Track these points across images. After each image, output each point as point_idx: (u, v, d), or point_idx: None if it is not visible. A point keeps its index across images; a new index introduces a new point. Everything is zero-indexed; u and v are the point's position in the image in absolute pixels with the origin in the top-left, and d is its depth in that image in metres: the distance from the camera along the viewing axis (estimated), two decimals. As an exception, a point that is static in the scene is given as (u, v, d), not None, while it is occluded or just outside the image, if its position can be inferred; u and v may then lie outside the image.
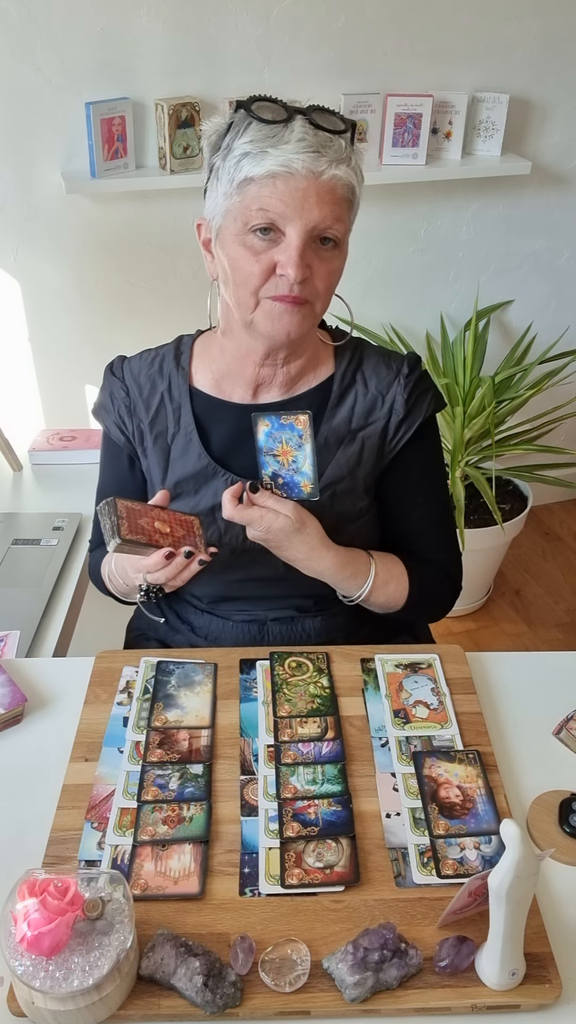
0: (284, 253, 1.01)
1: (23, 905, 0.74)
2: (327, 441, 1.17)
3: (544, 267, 2.60)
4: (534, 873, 0.73)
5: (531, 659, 1.21)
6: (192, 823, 0.93)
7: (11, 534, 1.54)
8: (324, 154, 0.98)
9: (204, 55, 2.02)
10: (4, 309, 2.15)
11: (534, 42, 2.24)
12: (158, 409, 1.20)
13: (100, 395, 1.25)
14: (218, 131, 1.04)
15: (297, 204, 0.98)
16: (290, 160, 0.97)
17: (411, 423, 1.18)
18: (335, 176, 0.99)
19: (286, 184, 0.98)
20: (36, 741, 1.05)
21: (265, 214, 0.99)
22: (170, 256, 2.22)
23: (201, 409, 1.20)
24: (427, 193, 2.35)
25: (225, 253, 1.06)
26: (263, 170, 0.98)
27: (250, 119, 1.00)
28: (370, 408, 1.18)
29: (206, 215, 1.08)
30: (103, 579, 1.28)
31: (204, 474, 1.19)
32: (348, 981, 0.77)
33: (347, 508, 1.19)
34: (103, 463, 1.30)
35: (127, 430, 1.22)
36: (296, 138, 0.98)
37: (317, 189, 0.98)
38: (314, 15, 2.04)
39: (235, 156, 1.00)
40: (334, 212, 1.01)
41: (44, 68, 1.91)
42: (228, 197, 1.02)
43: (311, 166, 0.97)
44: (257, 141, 0.98)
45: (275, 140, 0.98)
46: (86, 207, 2.09)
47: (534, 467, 2.50)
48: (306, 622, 1.25)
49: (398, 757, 1.02)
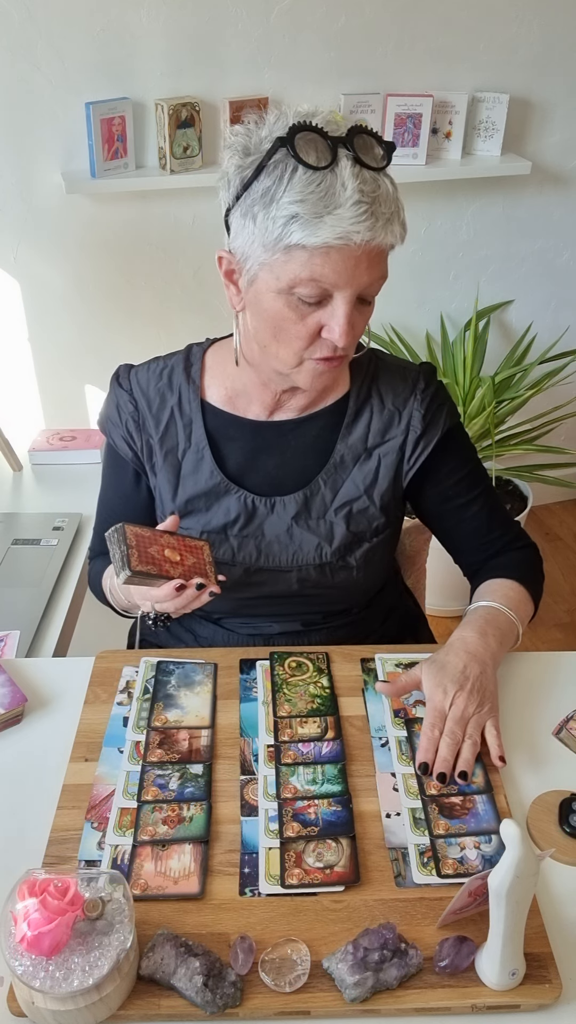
0: (332, 319, 0.97)
1: (23, 905, 0.74)
2: (343, 459, 1.16)
3: (544, 267, 2.60)
4: (534, 873, 0.73)
5: (531, 659, 1.21)
6: (192, 823, 0.93)
7: (11, 534, 1.54)
8: (378, 216, 0.92)
9: (204, 55, 2.01)
10: (4, 309, 2.15)
11: (534, 42, 2.24)
12: (168, 424, 1.17)
13: (106, 407, 1.22)
14: (252, 162, 0.95)
15: (350, 272, 0.94)
16: (348, 233, 0.91)
17: (429, 440, 1.16)
18: (390, 245, 0.96)
19: (340, 255, 0.93)
20: (36, 741, 1.05)
21: (317, 284, 0.95)
22: (170, 256, 2.22)
23: (214, 424, 1.17)
24: (427, 193, 2.35)
25: (261, 304, 1.00)
26: (319, 241, 0.91)
27: (293, 162, 0.92)
28: (387, 425, 1.16)
29: (234, 252, 1.01)
30: (104, 591, 1.26)
31: (216, 491, 1.16)
32: (348, 981, 0.77)
33: (362, 527, 1.17)
34: (107, 475, 1.27)
35: (135, 445, 1.18)
36: (350, 199, 0.90)
37: (369, 255, 0.94)
38: (314, 15, 2.04)
39: (282, 215, 0.92)
40: (380, 272, 0.98)
41: (44, 68, 1.91)
42: (268, 251, 0.95)
43: (368, 237, 0.92)
44: (308, 203, 0.90)
45: (328, 201, 0.90)
46: (86, 207, 2.09)
47: (534, 467, 2.50)
48: (312, 635, 1.24)
49: (398, 757, 1.02)
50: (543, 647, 2.50)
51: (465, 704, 1.01)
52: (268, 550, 1.16)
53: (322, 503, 1.16)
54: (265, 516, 1.16)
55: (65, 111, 1.96)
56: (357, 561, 1.17)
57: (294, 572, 1.17)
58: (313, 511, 1.16)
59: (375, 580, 1.23)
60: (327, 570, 1.17)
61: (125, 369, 1.21)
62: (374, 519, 1.18)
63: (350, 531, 1.16)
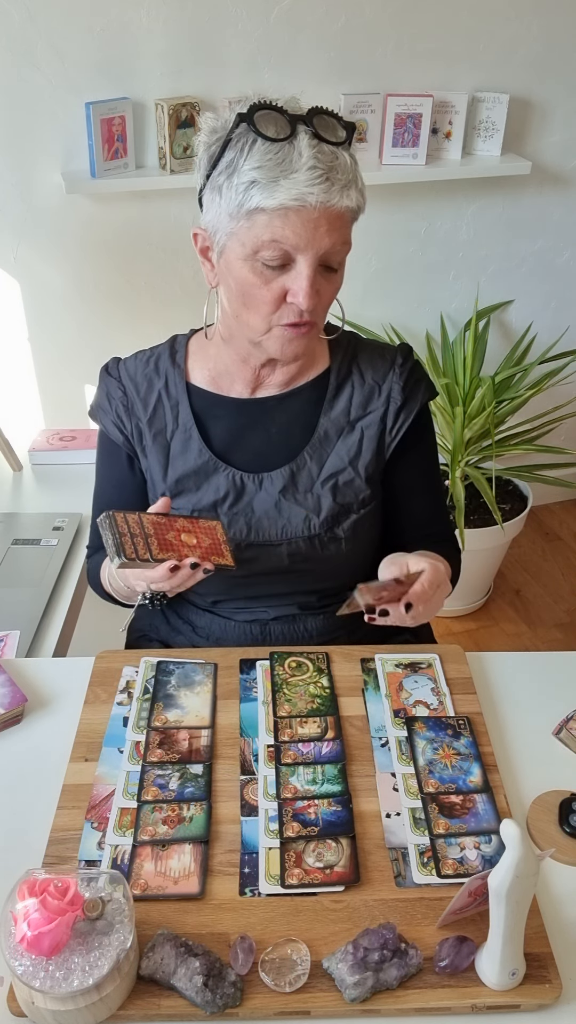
0: (296, 282, 1.01)
1: (23, 905, 0.74)
2: (327, 433, 1.19)
3: (544, 267, 2.60)
4: (534, 873, 0.73)
5: (531, 659, 1.21)
6: (192, 823, 0.93)
7: (11, 534, 1.54)
8: (334, 181, 0.97)
9: (204, 55, 2.01)
10: (4, 309, 2.16)
11: (534, 42, 2.24)
12: (156, 407, 1.20)
13: (96, 396, 1.25)
14: (218, 139, 1.01)
15: (308, 235, 0.98)
16: (303, 194, 0.95)
17: (410, 410, 1.20)
18: (346, 207, 0.99)
19: (298, 216, 0.97)
20: (36, 741, 1.05)
21: (278, 246, 0.99)
22: (170, 256, 2.22)
23: (199, 405, 1.20)
24: (427, 193, 2.35)
25: (231, 274, 1.05)
26: (275, 203, 0.96)
27: (253, 135, 0.97)
28: (368, 398, 1.20)
29: (205, 226, 1.06)
30: (102, 583, 1.27)
31: (205, 470, 1.19)
32: (348, 981, 0.77)
33: (348, 499, 1.20)
34: (100, 466, 1.30)
35: (125, 429, 1.22)
36: (306, 164, 0.95)
37: (328, 218, 0.98)
38: (314, 15, 2.04)
39: (243, 181, 0.97)
40: (342, 236, 1.01)
41: (44, 68, 1.91)
42: (234, 220, 1.00)
43: (323, 199, 0.96)
44: (266, 168, 0.96)
45: (284, 167, 0.96)
46: (86, 207, 2.09)
47: (534, 467, 2.50)
48: (308, 620, 1.25)
49: (398, 757, 1.02)
50: (543, 647, 2.50)
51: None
52: (258, 525, 1.19)
53: (308, 476, 1.19)
54: (254, 492, 1.19)
55: (65, 111, 1.96)
56: (345, 532, 1.19)
57: (284, 546, 1.19)
58: (300, 485, 1.19)
59: (364, 554, 1.25)
60: (316, 542, 1.19)
61: (114, 361, 1.25)
62: (360, 491, 1.20)
63: (336, 502, 1.19)
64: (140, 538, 1.01)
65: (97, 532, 1.31)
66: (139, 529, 1.02)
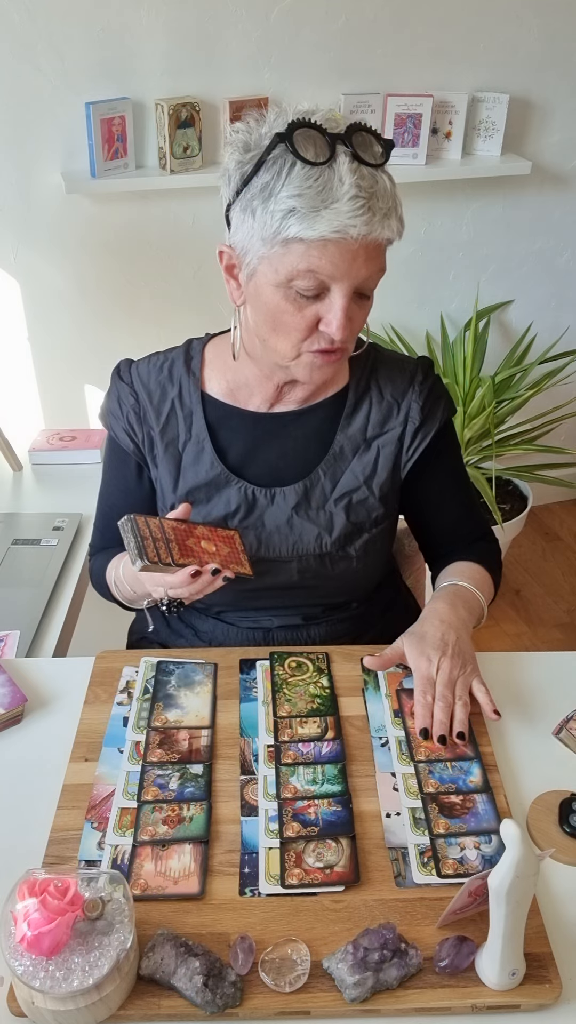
0: (330, 312, 0.98)
1: (23, 905, 0.74)
2: (342, 450, 1.17)
3: (544, 267, 2.60)
4: (534, 873, 0.73)
5: (531, 659, 1.21)
6: (192, 823, 0.93)
7: (11, 534, 1.54)
8: (375, 211, 0.93)
9: (204, 55, 2.02)
10: (4, 309, 2.16)
11: (534, 42, 2.24)
12: (169, 416, 1.18)
13: (107, 400, 1.22)
14: (252, 157, 0.97)
15: (346, 266, 0.95)
16: (345, 226, 0.92)
17: (427, 431, 1.18)
18: (387, 238, 0.97)
19: (337, 248, 0.94)
20: (36, 741, 1.05)
21: (314, 276, 0.96)
22: (170, 256, 2.22)
23: (214, 416, 1.18)
24: (427, 193, 2.35)
25: (261, 298, 1.02)
26: (315, 234, 0.92)
27: (291, 158, 0.93)
28: (385, 416, 1.18)
29: (233, 247, 1.02)
30: (108, 584, 1.26)
31: (217, 482, 1.17)
32: (348, 981, 0.77)
33: (361, 517, 1.18)
34: (108, 470, 1.27)
35: (136, 437, 1.19)
36: (347, 194, 0.91)
37: (367, 249, 0.95)
38: (314, 15, 2.04)
39: (280, 209, 0.93)
40: (379, 265, 0.99)
41: (44, 68, 1.91)
42: (267, 245, 0.96)
43: (364, 231, 0.93)
44: (306, 197, 0.92)
45: (325, 195, 0.92)
46: (86, 207, 2.09)
47: (534, 467, 2.50)
48: (311, 629, 1.25)
49: (398, 757, 1.02)
50: (543, 647, 2.50)
51: (450, 668, 1.05)
52: (268, 540, 1.17)
53: (322, 494, 1.17)
54: (265, 507, 1.17)
55: (65, 111, 1.96)
56: (357, 551, 1.18)
57: (294, 562, 1.18)
58: (313, 501, 1.17)
59: (374, 572, 1.24)
60: (327, 560, 1.18)
61: (126, 363, 1.22)
62: (373, 510, 1.19)
63: (350, 521, 1.18)
64: (162, 542, 1.01)
65: (99, 532, 1.31)
66: (160, 533, 1.02)
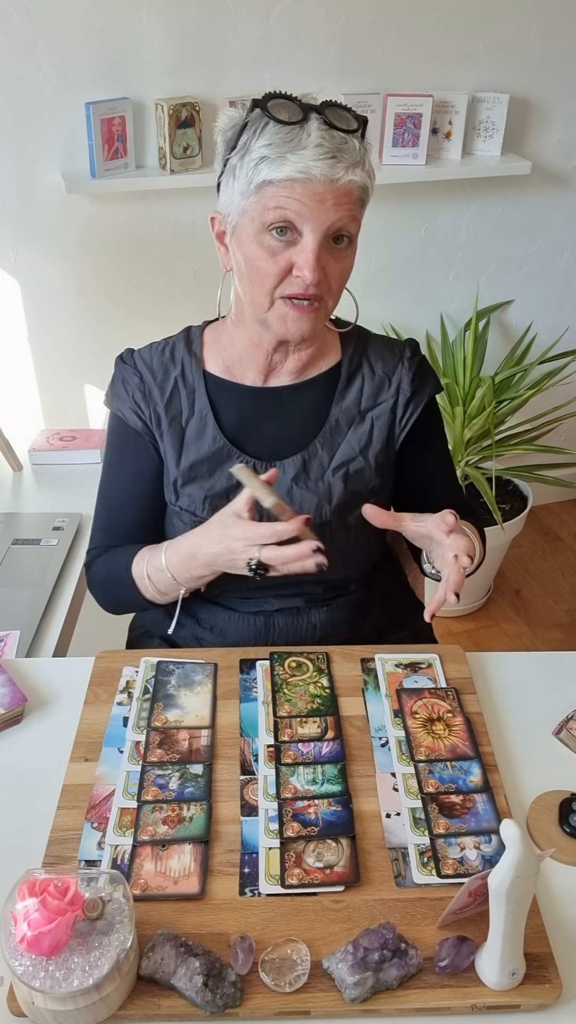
0: (301, 255, 1.03)
1: (23, 905, 0.74)
2: (338, 422, 1.22)
3: (544, 267, 2.60)
4: (534, 873, 0.73)
5: (531, 659, 1.21)
6: (192, 823, 0.93)
7: (11, 534, 1.54)
8: (340, 159, 1.00)
9: (204, 55, 2.01)
10: (4, 309, 2.15)
11: (534, 42, 2.24)
12: (172, 393, 1.21)
13: (111, 386, 1.25)
14: (234, 127, 1.06)
15: (314, 206, 1.01)
16: (309, 167, 0.99)
17: (418, 402, 1.23)
18: (351, 181, 1.01)
19: (304, 188, 1.00)
20: (36, 741, 1.05)
21: (282, 212, 1.01)
22: (170, 256, 2.22)
23: (214, 392, 1.21)
24: (427, 193, 2.35)
25: (241, 251, 1.08)
26: (282, 175, 0.99)
27: (267, 119, 1.01)
28: (378, 389, 1.22)
29: (221, 209, 1.10)
30: (133, 581, 1.21)
31: (219, 456, 1.20)
32: (348, 981, 0.77)
33: (359, 487, 1.21)
34: (113, 459, 1.27)
35: (144, 415, 1.21)
36: (314, 143, 0.99)
37: (334, 193, 1.01)
38: (314, 15, 2.04)
39: (253, 158, 1.01)
40: (349, 212, 1.04)
41: (44, 68, 1.91)
42: (245, 197, 1.04)
43: (328, 173, 0.99)
44: (275, 145, 1.00)
45: (293, 144, 1.00)
46: (86, 207, 2.09)
47: (534, 467, 2.50)
48: (312, 614, 1.26)
49: (398, 757, 1.02)
50: (543, 647, 2.50)
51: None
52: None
53: (320, 465, 1.21)
54: None
55: (65, 111, 1.96)
56: (355, 522, 1.20)
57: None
58: (312, 472, 1.20)
59: (370, 547, 1.28)
60: (327, 531, 1.19)
61: (128, 351, 1.25)
62: (370, 480, 1.22)
63: (348, 490, 1.20)
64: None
65: (102, 531, 1.29)
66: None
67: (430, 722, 1.05)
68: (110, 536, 1.28)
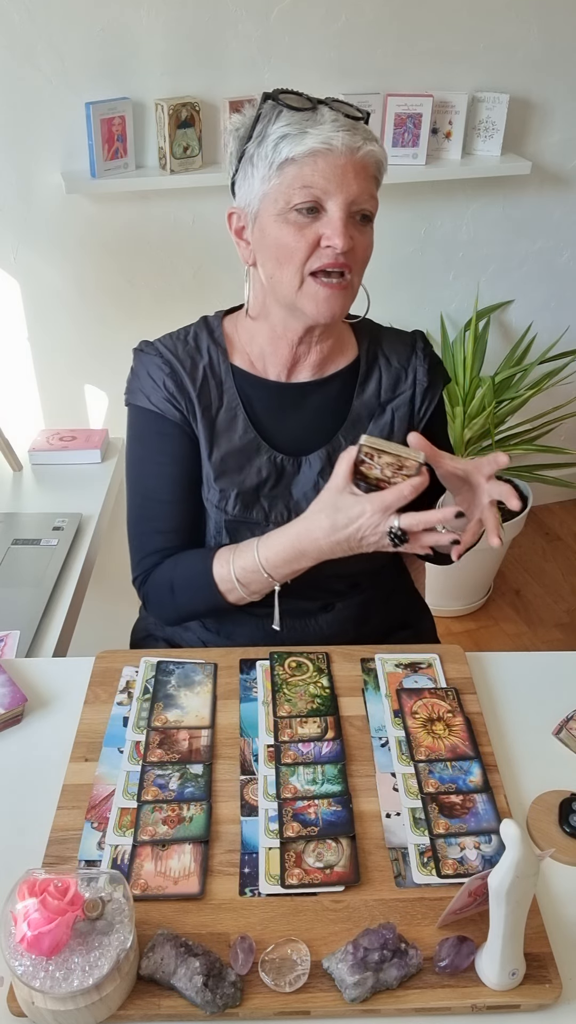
0: (329, 226, 1.04)
1: (23, 905, 0.74)
2: (359, 416, 1.23)
3: (544, 267, 2.60)
4: (534, 873, 0.73)
5: (531, 659, 1.21)
6: (192, 823, 0.93)
7: (11, 534, 1.54)
8: (356, 132, 1.04)
9: (204, 55, 2.01)
10: (4, 309, 2.15)
11: (534, 42, 2.24)
12: (203, 383, 1.18)
13: (134, 380, 1.20)
14: (245, 124, 1.09)
15: (338, 179, 1.03)
16: (329, 137, 1.02)
17: (435, 392, 1.26)
18: (370, 152, 1.05)
19: (326, 160, 1.03)
20: (36, 741, 1.05)
21: (309, 191, 1.03)
22: (170, 256, 2.22)
23: (241, 385, 1.21)
24: (427, 193, 2.35)
25: (266, 237, 1.08)
26: (304, 148, 1.02)
27: (280, 107, 1.05)
28: (395, 381, 1.24)
29: (238, 204, 1.12)
30: (215, 585, 1.15)
31: (248, 450, 1.19)
32: (348, 981, 0.77)
33: None
34: (152, 456, 1.20)
35: (180, 404, 1.17)
36: (329, 119, 1.03)
37: (354, 164, 1.04)
38: (314, 15, 2.04)
39: (272, 140, 1.04)
40: (368, 188, 1.06)
41: (44, 68, 1.91)
42: (266, 181, 1.06)
43: (349, 142, 1.02)
44: (294, 124, 1.03)
45: (310, 123, 1.03)
46: (86, 207, 2.09)
47: (534, 467, 2.50)
48: (320, 616, 1.26)
49: (398, 757, 1.02)
50: (543, 647, 2.50)
51: None
52: (296, 508, 1.19)
53: None
54: (292, 475, 1.20)
55: (65, 111, 1.96)
56: None
57: None
58: None
59: None
60: None
61: (145, 342, 1.22)
62: None
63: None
64: None
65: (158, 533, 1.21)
66: None
67: (430, 722, 1.06)
68: (168, 536, 1.21)
